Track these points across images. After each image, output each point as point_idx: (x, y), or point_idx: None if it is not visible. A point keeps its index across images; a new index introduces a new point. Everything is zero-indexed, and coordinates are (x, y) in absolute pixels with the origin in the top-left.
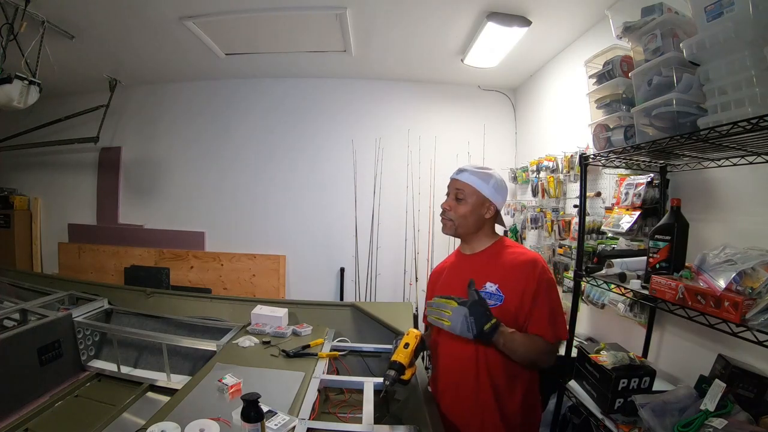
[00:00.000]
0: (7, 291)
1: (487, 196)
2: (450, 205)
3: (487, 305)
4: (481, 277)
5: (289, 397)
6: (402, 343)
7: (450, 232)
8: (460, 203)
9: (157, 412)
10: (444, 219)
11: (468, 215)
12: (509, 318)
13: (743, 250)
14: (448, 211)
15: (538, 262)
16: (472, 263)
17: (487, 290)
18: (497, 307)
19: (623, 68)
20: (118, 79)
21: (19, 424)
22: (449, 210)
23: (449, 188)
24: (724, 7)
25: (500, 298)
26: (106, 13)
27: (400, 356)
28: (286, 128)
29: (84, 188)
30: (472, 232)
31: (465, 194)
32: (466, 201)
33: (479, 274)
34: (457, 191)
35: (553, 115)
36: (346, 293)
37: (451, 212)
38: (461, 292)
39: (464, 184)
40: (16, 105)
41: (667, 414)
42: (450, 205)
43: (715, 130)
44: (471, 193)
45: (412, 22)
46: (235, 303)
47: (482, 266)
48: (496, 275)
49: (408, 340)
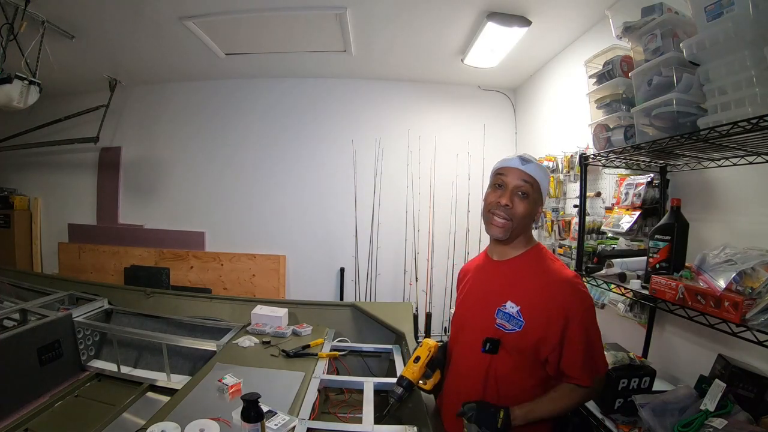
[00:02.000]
0: (7, 291)
1: (543, 195)
2: (512, 201)
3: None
4: (503, 293)
5: (289, 397)
6: (413, 357)
7: (503, 235)
8: (524, 200)
9: (157, 412)
10: (498, 217)
11: (529, 215)
12: (528, 349)
13: (743, 250)
14: (509, 207)
15: (572, 285)
16: (498, 273)
17: (506, 311)
18: (515, 333)
19: (623, 68)
20: (118, 79)
21: (19, 424)
22: (510, 206)
23: (505, 178)
24: (724, 7)
25: (520, 323)
26: (106, 13)
27: (408, 371)
28: (286, 128)
29: (84, 188)
30: (518, 234)
31: (533, 189)
32: (529, 197)
33: (502, 287)
34: (524, 183)
35: (553, 115)
36: (346, 293)
37: (513, 209)
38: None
39: (531, 178)
40: (16, 105)
41: (667, 414)
42: (513, 200)
43: (715, 130)
44: (536, 188)
45: (412, 22)
46: (235, 303)
47: (508, 279)
48: (521, 294)
49: (419, 353)
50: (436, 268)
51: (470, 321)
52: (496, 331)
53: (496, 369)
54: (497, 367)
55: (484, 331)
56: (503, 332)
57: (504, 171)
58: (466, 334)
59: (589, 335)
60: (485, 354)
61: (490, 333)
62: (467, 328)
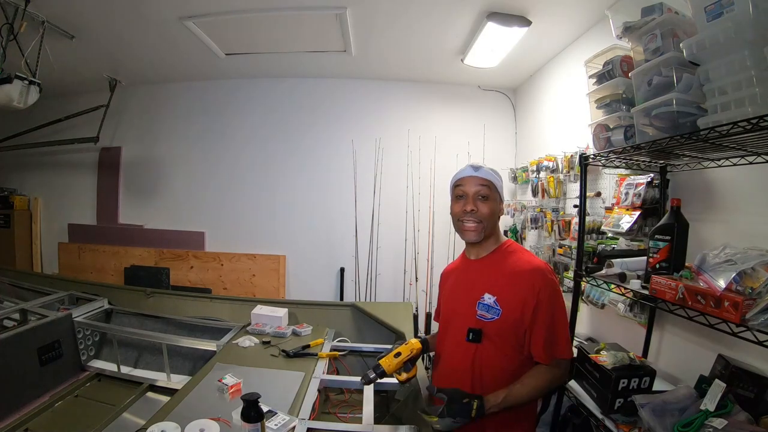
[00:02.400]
0: (7, 291)
1: (500, 194)
2: (476, 205)
3: (459, 393)
4: (481, 287)
5: (289, 397)
6: (394, 352)
7: (477, 237)
8: (486, 201)
9: (157, 412)
10: (469, 222)
11: (493, 214)
12: (508, 333)
13: (743, 250)
14: (475, 212)
15: (540, 272)
16: (475, 270)
17: (484, 302)
18: (494, 321)
19: (623, 68)
20: (118, 79)
21: (19, 424)
22: (476, 210)
23: (464, 188)
24: (724, 7)
25: (497, 311)
26: (106, 13)
27: (386, 361)
28: (286, 128)
29: (84, 188)
30: (489, 234)
31: (490, 190)
32: (490, 198)
33: (479, 282)
34: (481, 187)
35: (553, 115)
36: (346, 293)
37: (478, 212)
38: (465, 302)
39: (487, 181)
40: (16, 105)
41: (667, 414)
42: (476, 204)
43: (715, 130)
44: (493, 189)
45: (412, 21)
46: (235, 303)
47: (483, 274)
48: (496, 285)
49: (402, 350)
50: (436, 268)
51: (455, 317)
52: (477, 322)
53: (482, 357)
54: (482, 356)
55: (468, 322)
56: (484, 322)
57: (461, 182)
58: (453, 330)
59: (553, 317)
60: (470, 344)
61: (472, 324)
62: (453, 324)
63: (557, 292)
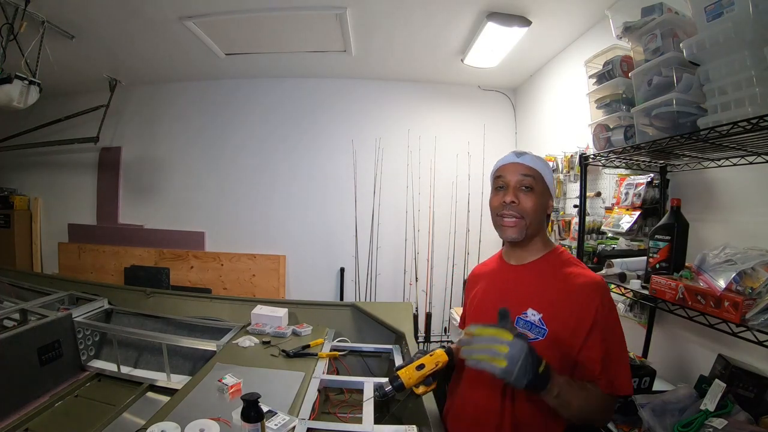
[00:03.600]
0: (7, 291)
1: (549, 186)
2: (518, 197)
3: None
4: (524, 300)
5: (289, 397)
6: (417, 363)
7: (518, 234)
8: (529, 193)
9: (157, 412)
10: (509, 218)
11: (539, 209)
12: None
13: (743, 250)
14: (515, 204)
15: (600, 289)
16: (516, 278)
17: (527, 319)
18: (537, 342)
19: (623, 68)
20: (118, 79)
21: (19, 424)
22: (517, 203)
23: (504, 178)
24: (724, 7)
25: (543, 332)
26: (106, 13)
27: (406, 373)
28: (286, 128)
29: (84, 188)
30: (533, 234)
31: (536, 181)
32: (535, 190)
33: (522, 294)
34: (525, 177)
35: (553, 115)
36: (346, 293)
37: (520, 205)
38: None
39: (532, 170)
40: (16, 105)
41: (667, 414)
42: (518, 196)
43: (715, 130)
44: (539, 179)
45: (412, 22)
46: (235, 303)
47: (528, 285)
48: (543, 301)
49: (425, 361)
50: (436, 268)
51: None
52: None
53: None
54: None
55: None
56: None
57: (502, 171)
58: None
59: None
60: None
61: None
62: None
63: (616, 315)
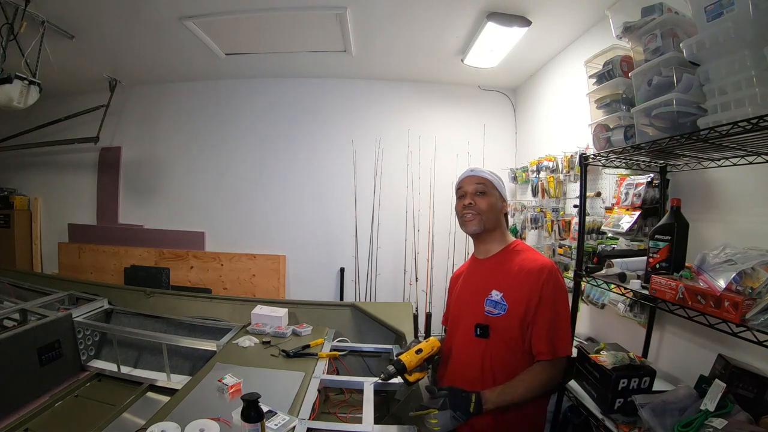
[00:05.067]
0: (7, 291)
1: (501, 193)
2: (474, 200)
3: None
4: (489, 284)
5: (289, 397)
6: (415, 348)
7: (477, 227)
8: (483, 196)
9: (157, 412)
10: (468, 215)
11: (492, 208)
12: (514, 329)
13: (743, 250)
14: (472, 205)
15: (546, 269)
16: (484, 269)
17: (492, 298)
18: (501, 316)
19: (623, 68)
20: (118, 79)
21: (19, 424)
22: (474, 204)
23: (463, 188)
24: (724, 7)
25: (504, 307)
26: (106, 13)
27: (406, 357)
28: (286, 128)
29: (84, 188)
30: (492, 228)
31: (486, 187)
32: (489, 193)
33: (487, 280)
34: (478, 185)
35: (553, 115)
36: (346, 293)
37: (476, 206)
38: (474, 300)
39: (484, 179)
40: (16, 105)
41: (667, 414)
42: (474, 199)
43: (715, 130)
44: (491, 186)
45: (412, 22)
46: (235, 303)
47: (491, 272)
48: (503, 282)
49: (423, 346)
50: (436, 268)
51: (464, 315)
52: (485, 318)
53: (491, 353)
54: (491, 352)
55: (476, 319)
56: (491, 317)
57: (461, 183)
58: (462, 327)
59: (555, 313)
60: (479, 340)
61: (480, 320)
62: (462, 321)
63: (561, 289)
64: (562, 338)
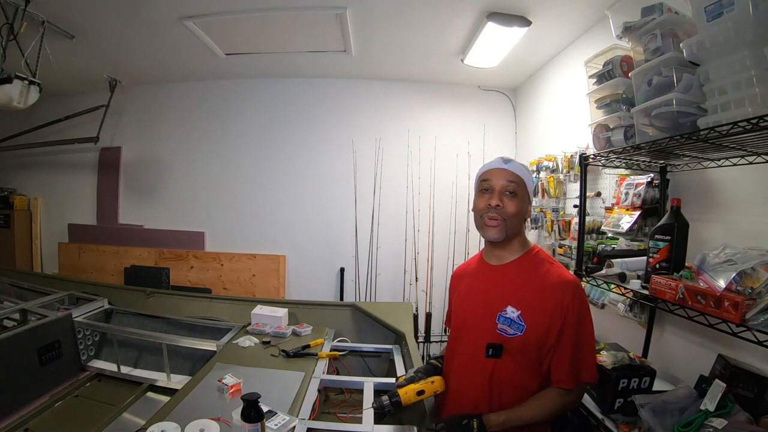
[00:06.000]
0: (7, 291)
1: (529, 193)
2: (502, 201)
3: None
4: (503, 297)
5: (289, 397)
6: (419, 387)
7: (499, 235)
8: (513, 198)
9: (157, 412)
10: (493, 220)
11: (520, 213)
12: (529, 351)
13: (743, 250)
14: (500, 207)
15: (571, 287)
16: (497, 277)
17: (507, 315)
18: (517, 337)
19: (623, 68)
20: (118, 79)
21: (19, 424)
22: (502, 207)
23: (490, 182)
24: (724, 7)
25: (521, 327)
26: (106, 13)
27: (406, 395)
28: (285, 128)
29: (84, 188)
30: (513, 235)
31: (518, 187)
32: (519, 196)
33: (502, 292)
34: (510, 183)
35: (553, 115)
36: (346, 293)
37: (504, 209)
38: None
39: (516, 176)
40: (16, 105)
41: (667, 414)
42: (502, 200)
43: (715, 130)
44: (523, 186)
45: (412, 22)
46: (235, 303)
47: (507, 283)
48: (521, 298)
49: (426, 388)
50: (436, 268)
51: (471, 326)
52: (498, 336)
53: (501, 373)
54: (501, 371)
55: (486, 336)
56: (505, 337)
57: (488, 175)
58: (468, 340)
59: (580, 339)
60: (488, 359)
61: (492, 338)
62: (468, 333)
63: (586, 312)
64: (586, 364)
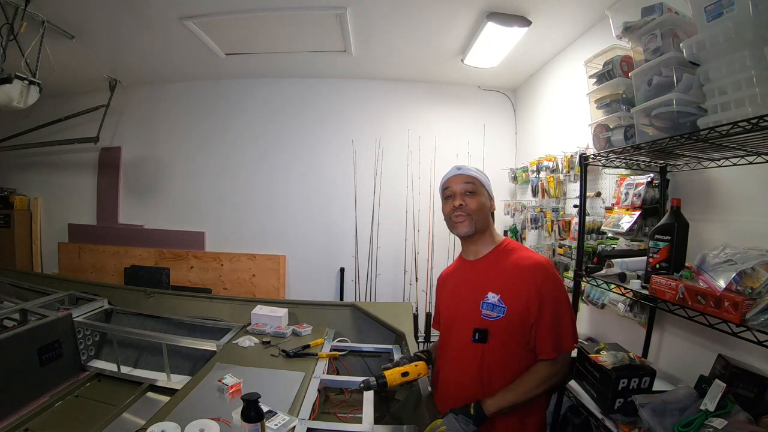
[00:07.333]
0: (7, 291)
1: (489, 192)
2: (464, 200)
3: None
4: (483, 286)
5: (289, 397)
6: (402, 369)
7: (468, 228)
8: (473, 196)
9: (157, 412)
10: (459, 216)
11: (482, 208)
12: (515, 330)
13: (743, 250)
14: (463, 206)
15: (541, 266)
16: (476, 270)
17: (489, 301)
18: (500, 319)
19: (623, 68)
20: (118, 79)
21: (19, 424)
22: (464, 205)
23: (451, 188)
24: (724, 7)
25: (503, 309)
26: (106, 13)
27: (391, 375)
28: (286, 128)
29: (84, 188)
30: (482, 229)
31: (476, 186)
32: (477, 193)
33: (481, 282)
34: (467, 185)
35: (553, 115)
36: (346, 293)
37: (466, 206)
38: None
39: (471, 177)
40: (16, 105)
41: (667, 414)
42: (464, 200)
43: (715, 130)
44: (480, 185)
45: (412, 22)
46: (235, 303)
47: (484, 273)
48: (498, 283)
49: (410, 370)
50: (436, 268)
51: (459, 318)
52: (483, 321)
53: (490, 357)
54: (490, 355)
55: (473, 324)
56: (490, 321)
57: (448, 183)
58: (456, 332)
59: (558, 311)
60: (477, 345)
61: (478, 324)
62: (456, 326)
63: (559, 285)
64: (565, 333)
